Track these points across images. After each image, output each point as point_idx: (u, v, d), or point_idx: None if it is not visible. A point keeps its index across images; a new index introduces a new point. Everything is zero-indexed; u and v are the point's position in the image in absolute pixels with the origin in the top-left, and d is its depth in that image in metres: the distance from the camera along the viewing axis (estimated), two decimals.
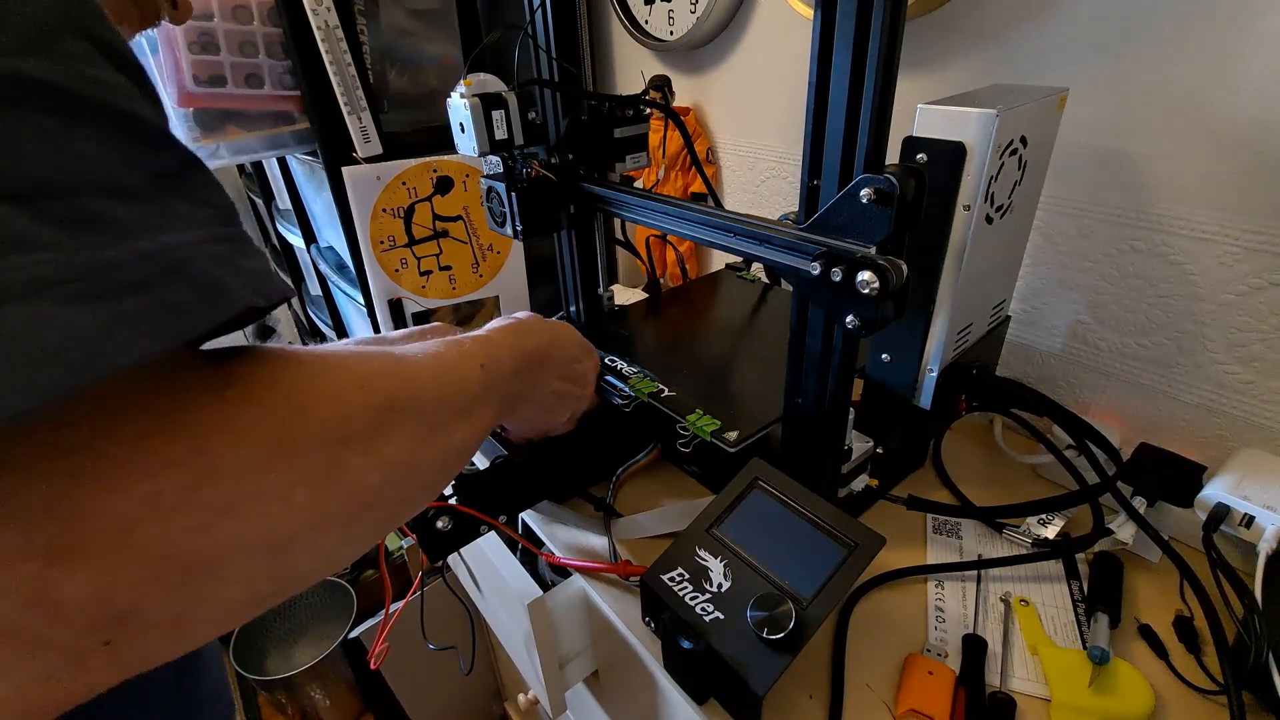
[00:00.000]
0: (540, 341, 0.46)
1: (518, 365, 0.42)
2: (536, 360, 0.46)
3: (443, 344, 0.35)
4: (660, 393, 0.60)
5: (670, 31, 0.97)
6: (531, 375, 0.46)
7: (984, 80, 0.68)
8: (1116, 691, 0.45)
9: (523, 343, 0.44)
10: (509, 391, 0.42)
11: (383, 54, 0.90)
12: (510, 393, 0.42)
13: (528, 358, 0.44)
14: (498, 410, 0.40)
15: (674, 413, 0.57)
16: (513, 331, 0.44)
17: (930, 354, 0.54)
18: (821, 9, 0.38)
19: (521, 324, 0.46)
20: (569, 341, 0.51)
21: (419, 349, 0.33)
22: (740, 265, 0.90)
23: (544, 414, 0.54)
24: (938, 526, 0.61)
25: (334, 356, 0.27)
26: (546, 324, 0.49)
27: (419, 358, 0.32)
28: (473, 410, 0.35)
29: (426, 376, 0.32)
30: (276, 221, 1.34)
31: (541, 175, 0.63)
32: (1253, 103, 0.52)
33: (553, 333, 0.49)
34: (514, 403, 0.45)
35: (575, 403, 0.55)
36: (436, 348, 0.34)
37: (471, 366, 0.36)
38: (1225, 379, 0.60)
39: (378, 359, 0.29)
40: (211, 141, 0.84)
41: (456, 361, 0.35)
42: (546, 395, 0.51)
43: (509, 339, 0.42)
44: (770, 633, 0.41)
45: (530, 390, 0.47)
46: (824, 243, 0.42)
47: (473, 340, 0.38)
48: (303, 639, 1.51)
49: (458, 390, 0.34)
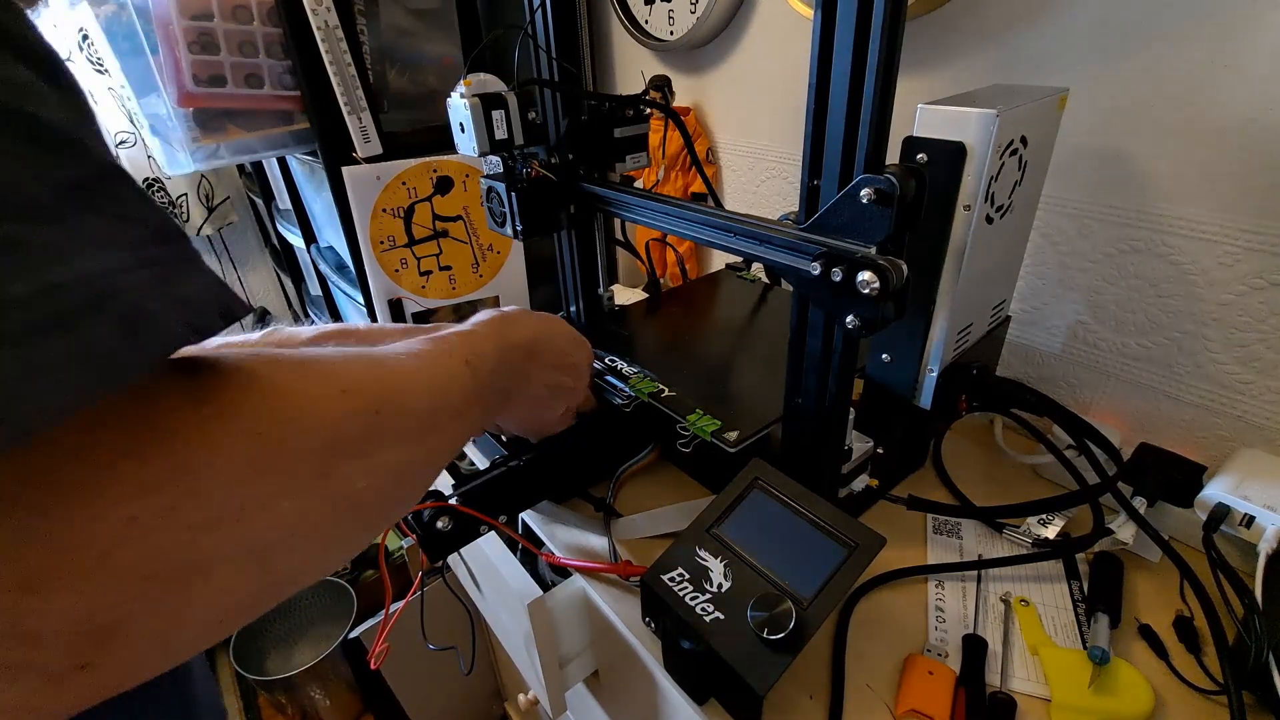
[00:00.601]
0: (527, 334, 0.46)
1: (504, 359, 0.42)
2: (525, 353, 0.45)
3: (426, 342, 0.35)
4: (660, 393, 0.60)
5: (670, 31, 0.97)
6: (520, 369, 0.45)
7: (984, 80, 0.68)
8: (1117, 692, 0.45)
9: (508, 336, 0.43)
10: (497, 387, 0.41)
11: (383, 54, 0.90)
12: (499, 388, 0.42)
13: (516, 350, 0.43)
14: (487, 406, 0.39)
15: (674, 413, 0.57)
16: (497, 324, 0.43)
17: (930, 354, 0.54)
18: (821, 9, 0.38)
19: (506, 317, 0.45)
20: (558, 334, 0.51)
21: (401, 349, 0.33)
22: (740, 265, 0.90)
23: (538, 410, 0.53)
24: (938, 526, 0.61)
25: (315, 362, 0.26)
26: (533, 316, 0.48)
27: (403, 358, 0.32)
28: (460, 410, 0.35)
29: (412, 378, 0.31)
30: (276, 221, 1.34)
31: (541, 175, 0.63)
32: (1253, 103, 0.52)
33: (540, 325, 0.48)
34: (504, 398, 0.44)
35: (569, 396, 0.54)
36: (420, 346, 0.34)
37: (456, 363, 0.36)
38: (1225, 379, 0.60)
39: (360, 362, 0.29)
40: (211, 141, 0.84)
41: (441, 359, 0.35)
42: (538, 390, 0.50)
43: (494, 332, 0.42)
44: (770, 633, 0.40)
45: (520, 385, 0.46)
46: (824, 243, 0.42)
47: (457, 335, 0.38)
48: (303, 639, 1.52)
49: (444, 390, 0.33)
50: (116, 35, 0.78)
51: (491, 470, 0.54)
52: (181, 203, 1.51)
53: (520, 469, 0.55)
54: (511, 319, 0.45)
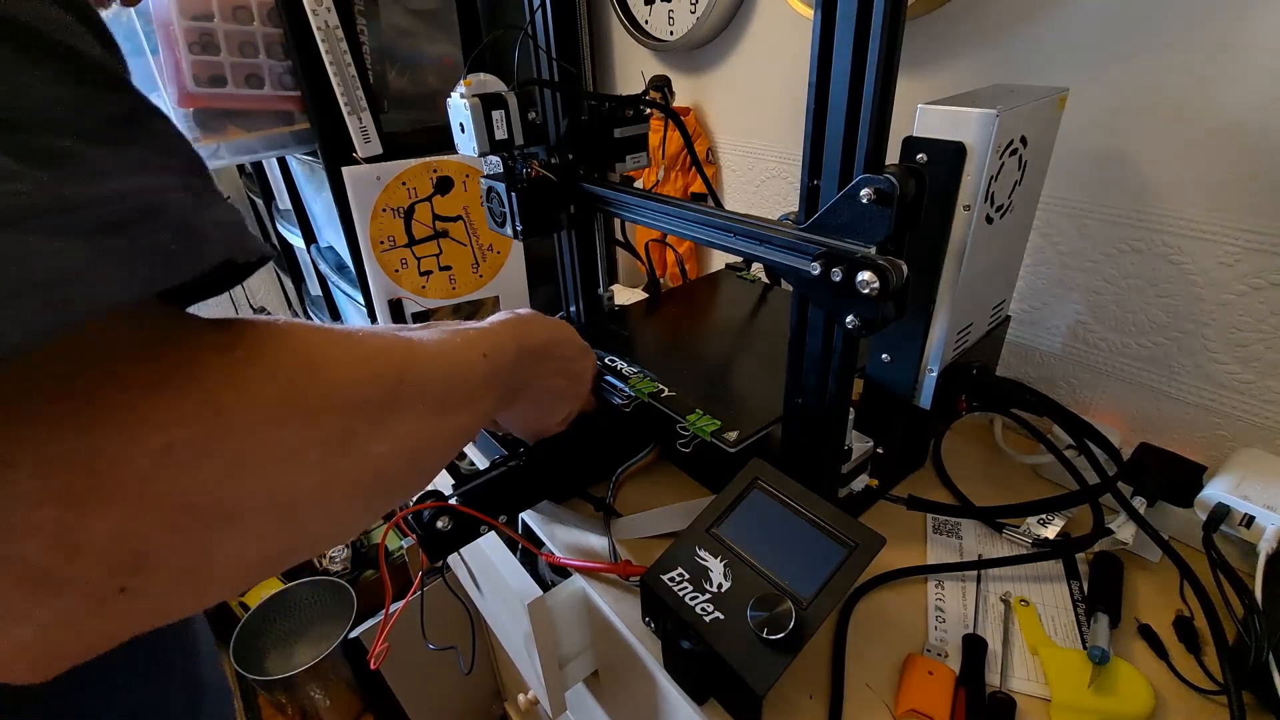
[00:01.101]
0: (540, 338, 0.47)
1: (519, 358, 0.43)
2: (537, 355, 0.47)
3: (448, 331, 0.36)
4: (660, 393, 0.60)
5: (670, 31, 0.97)
6: (531, 369, 0.47)
7: (984, 80, 0.68)
8: (1117, 692, 0.45)
9: (523, 338, 0.44)
10: (508, 383, 0.43)
11: (383, 54, 0.90)
12: (509, 385, 0.43)
13: (529, 352, 0.45)
14: (497, 400, 0.41)
15: (674, 413, 0.57)
16: (514, 325, 0.45)
17: (930, 354, 0.54)
18: (821, 9, 0.38)
19: (522, 319, 0.46)
20: (567, 340, 0.52)
21: (425, 334, 0.34)
22: (740, 265, 0.90)
23: (540, 412, 0.54)
24: (938, 526, 0.61)
25: (341, 330, 0.28)
26: (547, 321, 0.49)
27: (426, 340, 0.33)
28: (475, 396, 0.36)
29: (434, 358, 0.32)
30: (276, 221, 1.34)
31: (541, 175, 0.63)
32: (1253, 102, 0.52)
33: (553, 330, 0.50)
34: (512, 395, 0.46)
35: (571, 402, 0.55)
36: (442, 334, 0.35)
37: (475, 354, 0.37)
38: (1225, 379, 0.60)
39: (385, 336, 0.30)
40: (211, 141, 0.84)
41: (462, 348, 0.36)
42: (543, 392, 0.51)
43: (511, 332, 0.43)
44: (770, 633, 0.40)
45: (528, 384, 0.48)
46: (824, 243, 0.42)
47: (477, 331, 0.39)
48: (303, 639, 1.51)
49: (462, 375, 0.35)
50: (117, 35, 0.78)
51: (491, 470, 0.54)
52: None
53: (520, 469, 0.55)
54: (527, 321, 0.47)
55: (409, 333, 0.33)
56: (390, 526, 0.51)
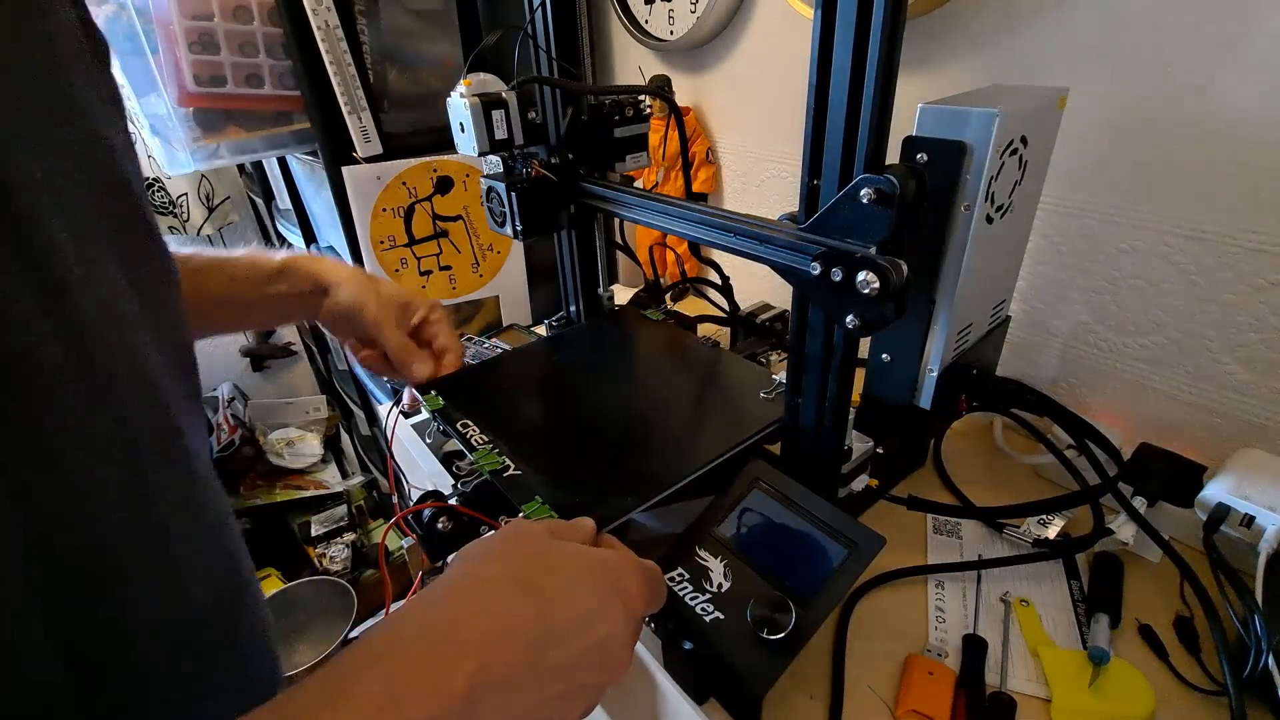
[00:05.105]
0: (522, 646, 0.28)
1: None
2: (511, 684, 0.27)
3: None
4: (505, 470, 0.51)
5: (670, 31, 0.97)
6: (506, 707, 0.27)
7: (984, 80, 0.68)
8: (1117, 692, 0.45)
9: (448, 680, 0.25)
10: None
11: (383, 54, 0.90)
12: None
13: (474, 697, 0.26)
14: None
15: (513, 498, 0.49)
16: (434, 657, 0.26)
17: (930, 354, 0.54)
18: (821, 9, 0.38)
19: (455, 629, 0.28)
20: (581, 606, 0.31)
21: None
22: (645, 301, 0.81)
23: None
24: (938, 526, 0.61)
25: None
26: (524, 595, 0.30)
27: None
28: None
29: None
30: (276, 221, 1.34)
31: (541, 175, 0.63)
32: (1253, 102, 0.52)
33: (542, 615, 0.29)
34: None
35: (593, 694, 0.33)
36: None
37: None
38: (1225, 379, 0.60)
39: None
40: (211, 141, 0.84)
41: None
42: (545, 705, 0.30)
43: (425, 681, 0.25)
44: (770, 633, 0.41)
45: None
46: (824, 243, 0.42)
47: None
48: (303, 639, 1.51)
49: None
50: (117, 35, 0.78)
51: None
52: (181, 202, 1.51)
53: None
54: (461, 633, 0.28)
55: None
56: (391, 526, 0.51)
